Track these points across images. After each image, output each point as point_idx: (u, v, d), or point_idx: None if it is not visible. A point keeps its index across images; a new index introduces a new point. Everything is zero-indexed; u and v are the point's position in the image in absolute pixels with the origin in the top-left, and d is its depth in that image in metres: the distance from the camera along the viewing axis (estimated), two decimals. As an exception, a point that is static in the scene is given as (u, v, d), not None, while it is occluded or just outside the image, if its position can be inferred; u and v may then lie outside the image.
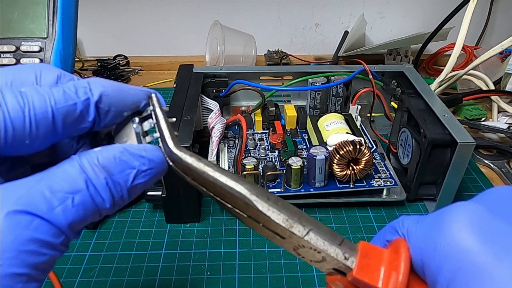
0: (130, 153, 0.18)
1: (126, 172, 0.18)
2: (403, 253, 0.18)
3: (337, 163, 0.42)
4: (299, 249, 0.19)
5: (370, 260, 0.18)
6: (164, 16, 0.80)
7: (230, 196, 0.19)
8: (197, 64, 0.54)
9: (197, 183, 0.19)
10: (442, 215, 0.17)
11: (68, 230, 0.16)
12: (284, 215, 0.18)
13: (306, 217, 0.19)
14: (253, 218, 0.19)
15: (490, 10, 0.80)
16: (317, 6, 0.80)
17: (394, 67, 0.55)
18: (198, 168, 0.19)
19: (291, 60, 0.80)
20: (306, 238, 0.18)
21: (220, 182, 0.19)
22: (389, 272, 0.18)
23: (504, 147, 0.55)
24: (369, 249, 0.19)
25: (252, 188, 0.19)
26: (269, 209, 0.18)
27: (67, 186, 0.16)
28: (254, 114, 0.53)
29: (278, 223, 0.18)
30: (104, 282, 0.37)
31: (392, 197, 0.45)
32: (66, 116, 0.17)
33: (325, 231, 0.19)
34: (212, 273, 0.38)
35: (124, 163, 0.18)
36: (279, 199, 0.19)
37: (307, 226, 0.18)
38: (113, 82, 0.20)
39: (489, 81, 0.63)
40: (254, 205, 0.18)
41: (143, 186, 0.19)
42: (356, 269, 0.18)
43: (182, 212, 0.43)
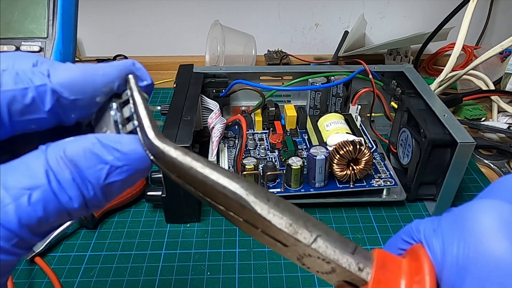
0: (103, 145, 0.16)
1: (97, 167, 0.15)
2: (425, 263, 0.15)
3: (337, 163, 0.42)
4: (304, 259, 0.16)
5: (388, 271, 0.16)
6: (164, 16, 0.80)
7: (222, 197, 0.16)
8: (197, 64, 0.54)
9: (183, 181, 0.17)
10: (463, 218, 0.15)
11: (23, 231, 0.14)
12: (287, 218, 0.16)
13: (313, 221, 0.16)
14: (250, 222, 0.16)
15: (490, 10, 0.80)
16: (317, 6, 0.80)
17: (394, 67, 0.55)
18: (184, 163, 0.16)
19: (291, 60, 0.80)
20: (313, 246, 0.16)
21: (210, 180, 0.16)
22: (410, 285, 0.15)
23: (504, 147, 0.55)
24: (386, 258, 0.16)
25: (249, 187, 0.16)
26: (269, 211, 0.16)
27: (25, 180, 0.14)
28: (254, 114, 0.53)
29: (280, 228, 0.16)
30: (104, 282, 0.37)
31: (392, 197, 0.45)
32: (13, 101, 0.15)
33: (335, 237, 0.16)
34: (212, 273, 0.38)
35: (95, 156, 0.15)
36: (281, 200, 0.16)
37: (315, 231, 0.16)
38: (79, 64, 0.17)
39: (489, 81, 0.63)
40: (252, 207, 0.16)
41: (122, 185, 0.16)
42: (373, 283, 0.15)
43: (182, 212, 0.43)
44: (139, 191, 0.45)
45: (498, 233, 0.13)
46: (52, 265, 0.39)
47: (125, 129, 0.17)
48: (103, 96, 0.17)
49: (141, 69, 0.18)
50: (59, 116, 0.16)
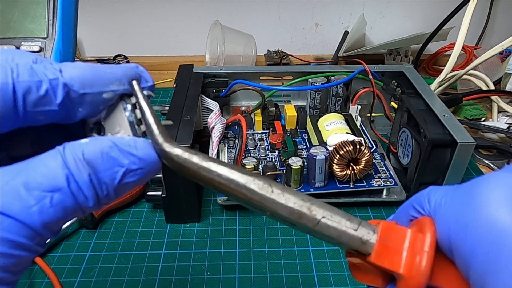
0: (120, 150, 0.17)
1: (114, 170, 0.16)
2: (428, 234, 0.16)
3: (337, 163, 0.42)
4: (314, 234, 0.18)
5: (391, 242, 0.17)
6: (164, 16, 0.80)
7: (231, 191, 0.17)
8: (197, 64, 0.54)
9: (194, 179, 0.18)
10: (474, 188, 0.15)
11: (44, 230, 0.15)
12: (292, 205, 0.17)
13: (318, 204, 0.18)
14: (259, 209, 0.18)
15: (490, 10, 0.80)
16: (317, 6, 0.80)
17: (394, 67, 0.55)
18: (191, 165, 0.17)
19: (291, 60, 0.80)
20: (317, 228, 0.17)
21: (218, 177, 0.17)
22: (412, 255, 0.16)
23: (504, 147, 0.55)
24: (390, 230, 0.17)
25: (253, 179, 0.17)
26: (274, 202, 0.17)
27: (46, 182, 0.15)
28: (254, 114, 0.53)
29: (285, 215, 0.17)
30: (104, 282, 0.37)
31: (392, 197, 0.45)
32: (29, 92, 0.15)
33: (340, 216, 0.17)
34: (212, 273, 0.38)
35: (112, 160, 0.16)
36: (285, 188, 0.18)
37: (318, 214, 0.17)
38: (87, 63, 0.18)
39: (489, 81, 0.63)
40: (257, 199, 0.17)
41: (133, 185, 0.17)
42: (374, 254, 0.17)
43: (182, 212, 0.43)
44: (139, 191, 0.45)
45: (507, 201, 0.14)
46: (52, 265, 0.39)
47: (140, 130, 0.19)
48: (110, 93, 0.18)
49: (143, 72, 0.20)
50: (67, 110, 0.17)
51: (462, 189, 0.16)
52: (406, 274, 0.16)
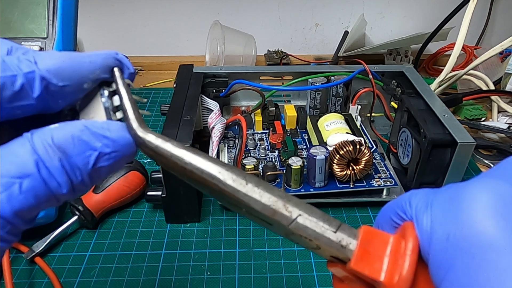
0: (92, 133, 0.16)
1: (86, 154, 0.16)
2: (410, 238, 0.15)
3: (337, 163, 0.42)
4: (291, 236, 0.16)
5: (372, 248, 0.16)
6: (164, 16, 0.80)
7: (203, 181, 0.17)
8: (197, 64, 0.54)
9: (168, 168, 0.17)
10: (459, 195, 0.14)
11: (15, 218, 0.14)
12: (265, 200, 0.16)
13: (294, 201, 0.16)
14: (233, 204, 0.17)
15: (490, 10, 0.80)
16: (317, 6, 0.79)
17: (394, 67, 0.55)
18: (164, 151, 0.17)
19: (291, 60, 0.80)
20: (292, 226, 0.16)
21: (189, 165, 0.17)
22: (394, 262, 0.15)
23: (504, 147, 0.54)
24: (372, 235, 0.16)
25: (227, 170, 0.16)
26: (246, 194, 0.16)
27: (14, 169, 0.14)
28: (254, 114, 0.53)
29: (258, 210, 0.16)
30: (104, 282, 0.37)
31: (392, 197, 0.45)
32: (3, 87, 0.15)
33: (318, 216, 0.16)
34: (212, 273, 0.38)
35: (84, 143, 0.16)
36: (261, 182, 0.17)
37: (295, 212, 0.16)
38: (65, 52, 0.17)
39: (489, 81, 0.63)
40: (229, 191, 0.16)
41: (108, 170, 0.17)
42: (354, 260, 0.15)
43: (182, 212, 0.43)
44: (139, 191, 0.45)
45: (493, 212, 0.13)
46: (52, 265, 0.39)
47: (115, 116, 0.18)
48: (90, 82, 0.18)
49: (123, 59, 0.19)
50: (47, 103, 0.16)
51: (445, 194, 0.15)
52: (387, 282, 0.15)
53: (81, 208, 0.41)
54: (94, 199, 0.42)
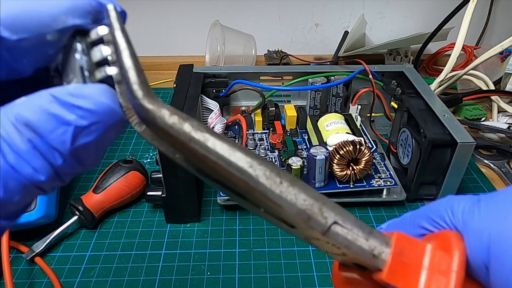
0: (61, 103, 0.13)
1: (59, 130, 0.13)
2: (456, 251, 0.13)
3: (337, 163, 0.42)
4: (313, 240, 0.15)
5: (407, 258, 0.14)
6: (164, 16, 0.80)
7: (228, 175, 0.13)
8: (197, 64, 0.54)
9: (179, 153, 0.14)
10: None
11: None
12: (301, 204, 0.14)
13: (329, 205, 0.14)
14: (257, 204, 0.14)
15: (490, 10, 0.80)
16: (317, 6, 0.79)
17: (394, 67, 0.55)
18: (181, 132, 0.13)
19: (291, 60, 0.80)
20: (326, 235, 0.14)
21: (214, 154, 0.13)
22: (433, 277, 0.13)
23: (504, 147, 0.54)
24: (406, 243, 0.14)
25: (260, 165, 0.13)
26: (281, 196, 0.13)
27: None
28: (254, 114, 0.53)
29: (291, 214, 0.14)
30: (104, 282, 0.37)
31: (392, 197, 0.45)
32: None
33: (352, 221, 0.14)
34: (212, 273, 0.38)
35: (54, 118, 0.13)
36: (296, 181, 0.14)
37: (330, 218, 0.14)
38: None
39: (489, 81, 0.63)
40: (262, 189, 0.13)
41: (96, 146, 0.14)
42: (388, 271, 0.14)
43: (182, 212, 0.43)
44: (139, 191, 0.45)
45: None
46: (52, 265, 0.39)
47: (93, 77, 0.14)
48: (56, 33, 0.14)
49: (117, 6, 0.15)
50: (8, 64, 0.14)
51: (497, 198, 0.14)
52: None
53: (81, 208, 0.41)
54: (94, 199, 0.42)
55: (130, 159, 0.47)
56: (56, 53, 0.15)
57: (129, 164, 0.45)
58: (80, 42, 0.14)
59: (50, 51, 0.14)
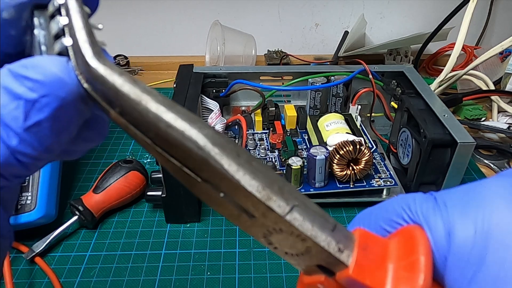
0: (14, 75, 0.12)
1: (11, 105, 0.12)
2: (421, 246, 0.13)
3: (337, 163, 0.42)
4: (273, 235, 0.13)
5: (372, 254, 0.13)
6: (164, 16, 0.80)
7: (179, 146, 0.12)
8: (197, 64, 0.54)
9: (127, 120, 0.13)
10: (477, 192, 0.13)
11: None
12: (261, 180, 0.12)
13: (289, 188, 0.13)
14: (211, 182, 0.12)
15: (490, 10, 0.80)
16: (317, 6, 0.80)
17: (394, 67, 0.55)
18: (131, 95, 0.12)
19: (291, 60, 0.80)
20: (288, 217, 0.12)
21: (165, 122, 0.12)
22: (400, 271, 0.13)
23: (504, 147, 0.55)
24: (369, 239, 0.14)
25: (215, 136, 0.12)
26: (238, 169, 0.12)
27: None
28: (254, 114, 0.53)
29: (250, 191, 0.12)
30: (104, 282, 0.37)
31: (392, 197, 0.45)
32: None
33: (314, 210, 0.13)
34: (212, 273, 0.38)
35: (6, 91, 0.12)
36: (253, 158, 0.13)
37: (291, 200, 0.13)
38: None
39: (489, 81, 0.63)
40: (217, 161, 0.12)
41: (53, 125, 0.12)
42: (355, 267, 0.13)
43: (182, 212, 0.43)
44: (139, 191, 0.45)
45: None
46: (52, 265, 0.39)
47: (52, 51, 0.13)
48: (11, 9, 0.13)
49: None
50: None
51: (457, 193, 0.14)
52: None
53: (81, 208, 0.41)
54: (94, 199, 0.42)
55: (130, 159, 0.47)
56: (21, 34, 0.14)
57: (129, 164, 0.45)
58: (38, 17, 0.13)
59: (12, 32, 0.13)
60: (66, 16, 0.13)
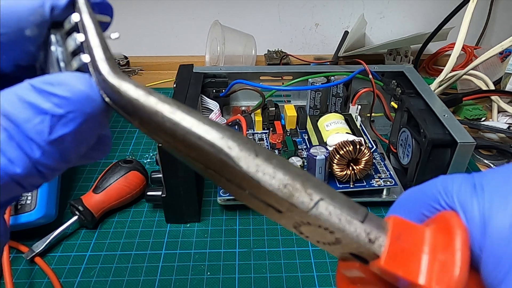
0: (38, 91, 0.12)
1: (37, 120, 0.12)
2: (458, 235, 0.12)
3: (337, 163, 0.42)
4: (302, 227, 0.13)
5: (406, 243, 0.13)
6: (164, 16, 0.80)
7: (198, 150, 0.12)
8: (197, 64, 0.54)
9: (147, 130, 0.13)
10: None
11: None
12: (281, 178, 0.12)
13: (314, 182, 0.13)
14: (234, 182, 0.13)
15: (490, 10, 0.80)
16: (317, 6, 0.80)
17: (394, 67, 0.55)
18: (147, 106, 0.13)
19: (291, 60, 0.80)
20: (313, 212, 0.13)
21: (181, 128, 0.12)
22: (435, 262, 0.12)
23: (504, 147, 0.54)
24: (404, 227, 0.13)
25: (232, 137, 0.12)
26: (257, 169, 0.12)
27: None
28: (254, 114, 0.53)
29: (271, 190, 0.12)
30: (104, 282, 0.37)
31: (392, 197, 0.45)
32: None
33: (342, 201, 0.13)
34: (212, 273, 0.38)
35: (31, 107, 0.12)
36: (274, 155, 0.13)
37: (316, 194, 0.13)
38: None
39: (489, 81, 0.63)
40: (235, 163, 0.12)
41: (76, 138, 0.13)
42: (386, 257, 0.13)
43: (182, 212, 0.43)
44: (139, 191, 0.45)
45: None
46: (52, 265, 0.39)
47: (70, 67, 0.14)
48: (34, 27, 0.13)
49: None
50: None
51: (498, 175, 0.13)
52: (428, 286, 0.12)
53: (81, 208, 0.41)
54: (94, 199, 0.42)
55: (130, 159, 0.47)
56: (36, 50, 0.14)
57: (129, 164, 0.45)
58: (55, 34, 0.14)
59: (31, 48, 0.14)
60: (83, 33, 0.13)
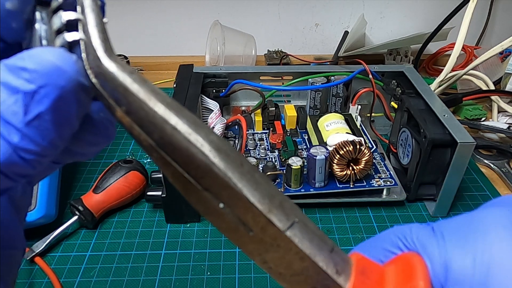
0: (9, 68, 0.12)
1: (11, 100, 0.11)
2: (419, 271, 0.13)
3: (337, 163, 0.42)
4: (269, 253, 0.12)
5: (369, 279, 0.13)
6: (164, 16, 0.80)
7: (183, 151, 0.12)
8: (197, 64, 0.54)
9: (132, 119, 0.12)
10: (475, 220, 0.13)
11: None
12: (261, 192, 0.12)
13: (290, 204, 0.13)
14: (212, 191, 0.12)
15: (490, 10, 0.80)
16: (317, 6, 0.79)
17: (394, 67, 0.55)
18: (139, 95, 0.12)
19: (291, 60, 0.80)
20: (288, 233, 0.12)
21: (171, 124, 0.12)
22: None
23: (504, 147, 0.54)
24: (366, 264, 0.14)
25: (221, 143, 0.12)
26: (241, 178, 0.12)
27: None
28: (254, 114, 0.53)
29: (252, 201, 0.12)
30: (104, 282, 0.37)
31: (392, 197, 0.45)
32: None
33: (314, 228, 0.13)
34: (212, 273, 0.38)
35: (5, 86, 0.11)
36: (256, 169, 0.12)
37: (292, 215, 0.12)
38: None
39: (489, 81, 0.63)
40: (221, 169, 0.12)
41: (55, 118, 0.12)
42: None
43: (182, 212, 0.43)
44: (139, 191, 0.45)
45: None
46: (52, 265, 0.39)
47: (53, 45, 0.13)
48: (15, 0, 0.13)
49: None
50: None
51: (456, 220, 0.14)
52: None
53: (81, 208, 0.41)
54: (94, 199, 0.42)
55: (130, 159, 0.47)
56: (21, 27, 0.13)
57: (129, 164, 0.45)
58: (40, 12, 0.13)
59: (13, 24, 0.13)
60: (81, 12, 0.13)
